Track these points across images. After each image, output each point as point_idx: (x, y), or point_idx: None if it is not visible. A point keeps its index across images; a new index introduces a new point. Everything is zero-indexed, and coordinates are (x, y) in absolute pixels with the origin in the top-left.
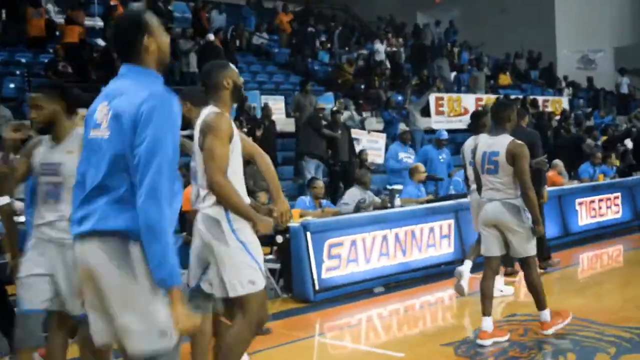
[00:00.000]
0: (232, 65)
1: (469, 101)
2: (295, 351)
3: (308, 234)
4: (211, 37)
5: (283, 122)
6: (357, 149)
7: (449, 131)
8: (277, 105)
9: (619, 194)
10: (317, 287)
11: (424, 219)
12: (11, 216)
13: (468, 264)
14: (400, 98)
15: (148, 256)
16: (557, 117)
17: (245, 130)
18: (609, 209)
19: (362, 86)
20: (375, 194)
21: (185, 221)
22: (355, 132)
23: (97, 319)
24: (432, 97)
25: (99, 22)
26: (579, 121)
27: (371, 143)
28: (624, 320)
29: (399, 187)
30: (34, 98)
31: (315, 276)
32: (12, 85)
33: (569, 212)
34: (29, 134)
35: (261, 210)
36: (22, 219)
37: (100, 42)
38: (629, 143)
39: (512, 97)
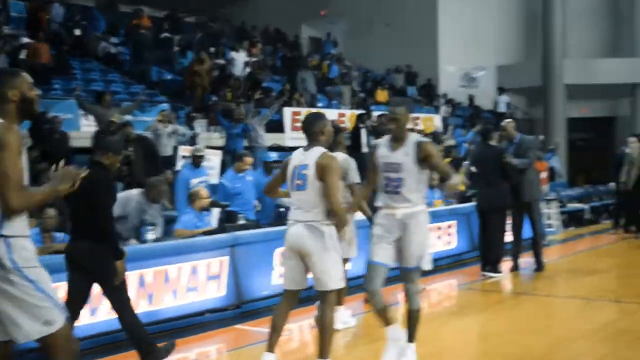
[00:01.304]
0: (24, 75)
1: (331, 117)
2: None
3: None
4: (22, 40)
5: None
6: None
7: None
8: None
9: (454, 222)
10: None
11: (185, 257)
12: None
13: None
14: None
15: None
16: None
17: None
18: (440, 239)
19: (215, 98)
20: None
21: None
22: (185, 149)
23: None
24: (288, 112)
25: None
26: (438, 139)
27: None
28: None
29: None
30: None
31: None
32: None
33: None
34: None
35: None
36: None
37: None
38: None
39: (379, 113)
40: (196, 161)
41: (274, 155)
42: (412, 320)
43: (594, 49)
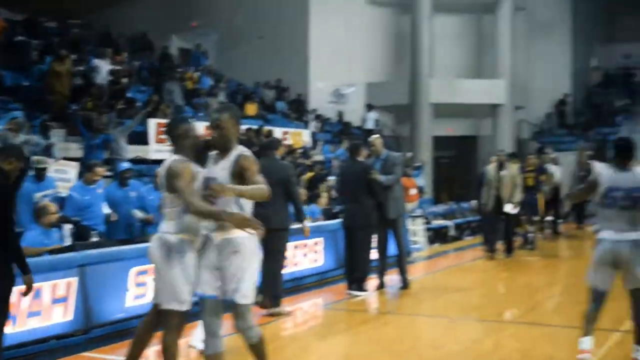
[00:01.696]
0: None
1: (198, 129)
2: None
3: None
4: None
5: None
6: None
7: None
8: None
9: (321, 239)
10: None
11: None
12: None
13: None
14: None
15: None
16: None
17: None
18: (305, 256)
19: (75, 106)
20: None
21: None
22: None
23: None
24: (152, 123)
25: None
26: (307, 154)
27: (59, 173)
28: None
29: None
30: None
31: None
32: None
33: None
34: None
35: None
36: None
37: None
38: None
39: (249, 127)
40: (39, 174)
41: (126, 164)
42: (257, 353)
43: (459, 69)
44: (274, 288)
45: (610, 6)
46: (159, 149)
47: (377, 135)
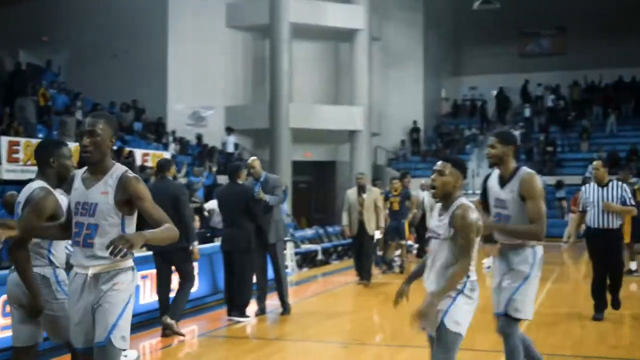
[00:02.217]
0: None
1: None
2: None
3: None
4: None
5: None
6: None
7: (25, 182)
8: None
9: (195, 263)
10: None
11: None
12: None
13: None
14: None
15: None
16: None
17: None
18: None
19: None
20: None
21: None
22: None
23: None
24: (4, 141)
25: None
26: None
27: None
28: None
29: None
30: None
31: None
32: None
33: None
34: None
35: None
36: None
37: None
38: (211, 204)
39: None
40: None
41: None
42: None
43: (318, 95)
44: (179, 309)
45: (457, 41)
46: (10, 169)
47: (255, 157)
